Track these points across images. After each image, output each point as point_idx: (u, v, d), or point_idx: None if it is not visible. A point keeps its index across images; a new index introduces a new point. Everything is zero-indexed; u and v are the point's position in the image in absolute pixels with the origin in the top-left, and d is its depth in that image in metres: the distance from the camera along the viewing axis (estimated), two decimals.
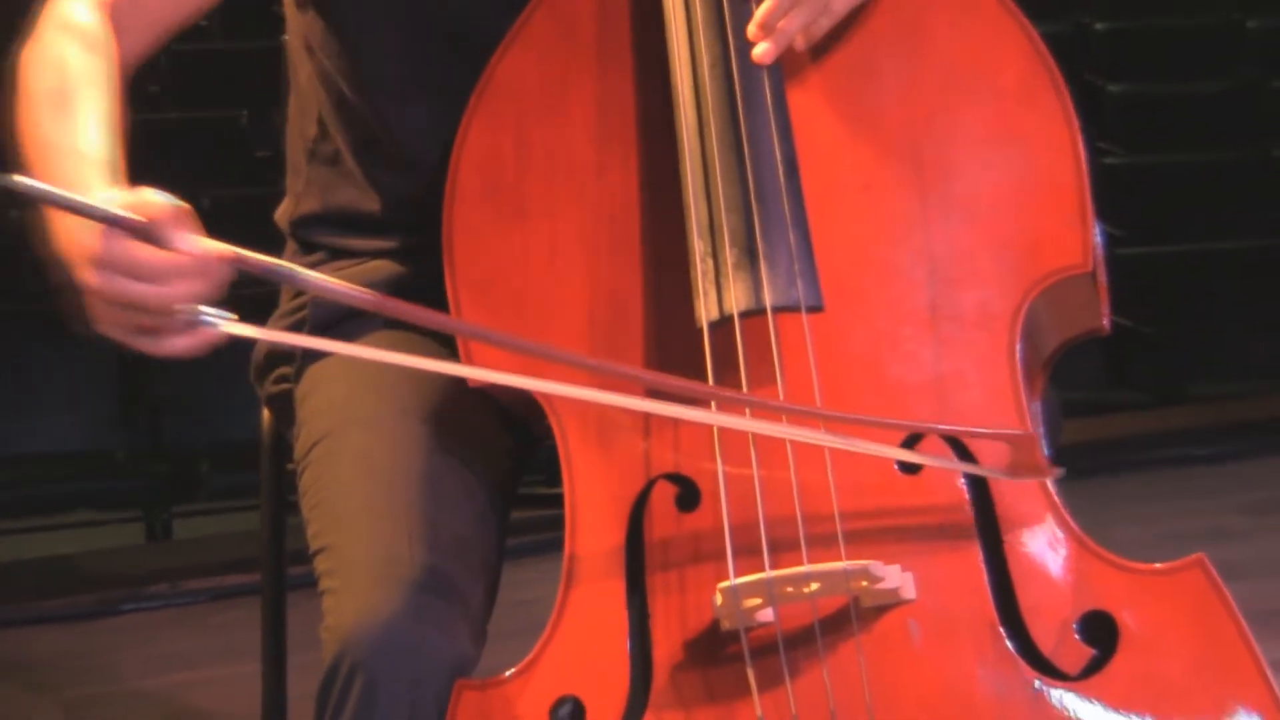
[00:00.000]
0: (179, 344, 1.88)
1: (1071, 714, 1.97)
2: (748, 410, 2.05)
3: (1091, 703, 1.97)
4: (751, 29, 2.14)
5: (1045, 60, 2.18)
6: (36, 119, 2.09)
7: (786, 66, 2.16)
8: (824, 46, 2.18)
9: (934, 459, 2.04)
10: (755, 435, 2.03)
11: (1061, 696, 1.98)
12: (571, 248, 2.17)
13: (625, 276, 2.15)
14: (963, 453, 2.06)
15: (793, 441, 2.03)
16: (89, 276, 1.85)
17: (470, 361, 2.13)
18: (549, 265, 2.17)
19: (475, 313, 2.15)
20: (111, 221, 1.83)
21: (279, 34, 2.48)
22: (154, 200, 1.85)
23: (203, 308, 1.87)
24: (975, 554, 2.03)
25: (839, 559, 1.99)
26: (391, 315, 2.07)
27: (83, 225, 1.87)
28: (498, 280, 2.17)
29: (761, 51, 2.14)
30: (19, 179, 1.82)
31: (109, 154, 2.03)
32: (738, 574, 1.99)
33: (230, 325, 1.90)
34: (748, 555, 2.00)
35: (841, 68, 2.18)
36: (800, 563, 1.99)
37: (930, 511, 2.05)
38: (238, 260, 1.88)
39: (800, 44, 2.15)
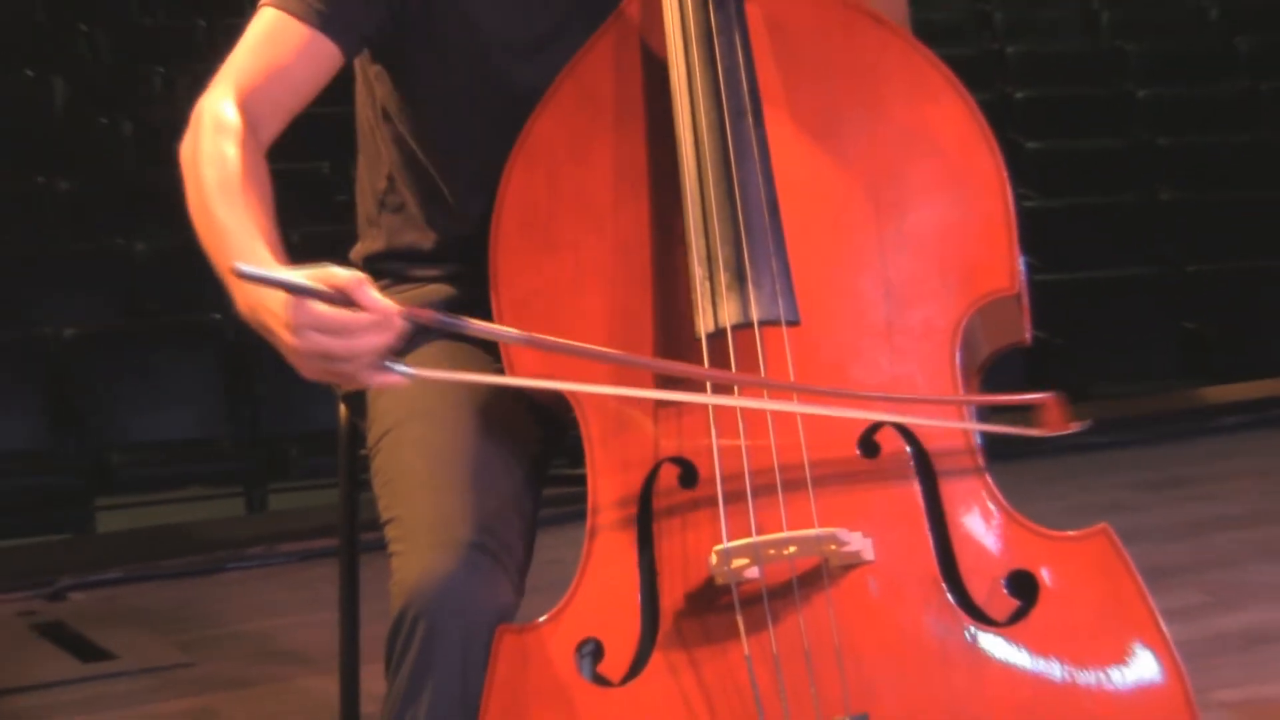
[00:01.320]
0: (373, 380, 1.88)
1: (1000, 654, 1.97)
2: (736, 389, 2.04)
3: (1016, 644, 1.97)
4: None
5: (980, 122, 2.17)
6: (212, 208, 2.04)
7: (770, 125, 2.15)
8: (800, 110, 2.17)
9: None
10: (745, 427, 2.03)
11: (992, 639, 1.97)
12: (593, 272, 2.16)
13: (637, 296, 2.14)
14: (910, 439, 2.06)
15: (775, 433, 2.03)
16: (291, 340, 1.84)
17: (513, 371, 2.13)
18: (575, 287, 2.16)
19: (515, 325, 2.15)
20: (310, 293, 1.82)
21: (353, 102, 2.47)
22: (338, 272, 1.85)
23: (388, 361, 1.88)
24: (922, 523, 2.03)
25: (812, 526, 1.98)
26: (539, 347, 2.07)
27: (276, 296, 1.85)
28: (533, 299, 2.16)
29: None
30: (245, 267, 1.81)
31: (272, 234, 2.01)
32: (729, 539, 1.98)
33: (410, 370, 1.90)
34: (738, 523, 1.99)
35: (814, 127, 2.17)
36: (781, 530, 1.98)
37: (886, 488, 2.04)
38: (409, 314, 1.88)
39: None
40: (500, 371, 2.16)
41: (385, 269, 2.43)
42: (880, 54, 2.20)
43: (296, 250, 2.10)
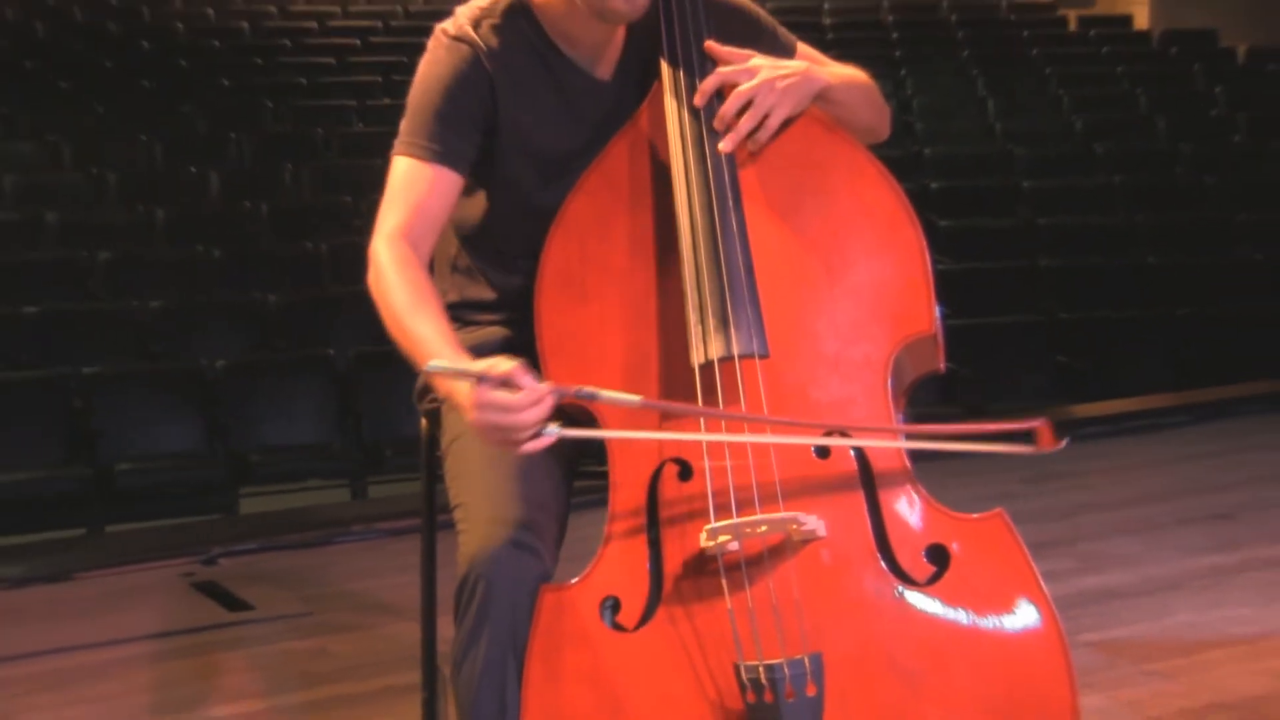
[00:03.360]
0: (531, 446, 1.88)
1: (921, 606, 1.96)
2: (722, 424, 2.03)
3: (933, 599, 1.96)
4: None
5: (905, 204, 2.17)
6: (405, 324, 2.03)
7: (746, 207, 2.14)
8: (770, 195, 2.16)
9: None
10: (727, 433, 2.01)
11: (915, 595, 1.97)
12: (613, 318, 2.14)
13: (646, 336, 2.13)
14: (858, 454, 2.04)
15: (752, 441, 2.01)
16: (473, 416, 1.86)
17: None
18: (600, 329, 2.14)
19: (555, 360, 2.14)
20: (485, 380, 1.84)
21: None
22: (503, 363, 1.86)
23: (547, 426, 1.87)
24: (862, 507, 2.02)
25: (779, 510, 1.97)
26: (656, 409, 2.04)
27: (462, 386, 1.88)
28: (568, 341, 2.15)
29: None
30: (437, 363, 1.87)
31: (452, 336, 2.02)
32: (715, 520, 1.97)
33: (561, 430, 1.88)
34: (722, 508, 1.98)
35: (780, 208, 2.16)
36: (755, 513, 1.97)
37: (835, 480, 2.03)
38: (557, 390, 1.87)
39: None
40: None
41: (456, 316, 2.41)
42: (830, 153, 2.20)
43: None
